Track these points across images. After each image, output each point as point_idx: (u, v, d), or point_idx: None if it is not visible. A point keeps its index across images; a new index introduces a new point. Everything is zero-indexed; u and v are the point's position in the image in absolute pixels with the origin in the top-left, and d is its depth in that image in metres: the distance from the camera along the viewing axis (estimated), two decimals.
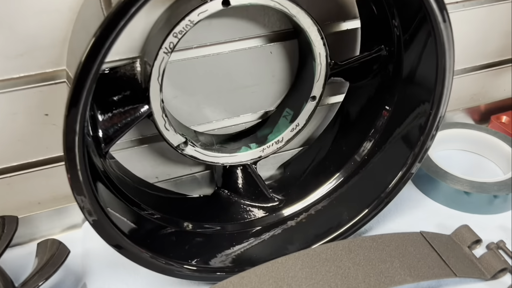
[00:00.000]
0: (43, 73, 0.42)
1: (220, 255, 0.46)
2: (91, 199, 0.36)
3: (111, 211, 0.40)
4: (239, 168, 0.51)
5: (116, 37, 0.30)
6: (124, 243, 0.39)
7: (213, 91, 0.49)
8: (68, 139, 0.32)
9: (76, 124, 0.32)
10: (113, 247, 0.39)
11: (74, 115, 0.31)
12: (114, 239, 0.38)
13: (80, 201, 0.35)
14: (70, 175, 0.34)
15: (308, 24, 0.43)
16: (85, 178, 0.35)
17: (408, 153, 0.46)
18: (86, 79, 0.31)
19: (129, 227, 0.42)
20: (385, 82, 0.48)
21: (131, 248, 0.39)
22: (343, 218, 0.48)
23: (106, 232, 0.38)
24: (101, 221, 0.37)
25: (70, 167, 0.33)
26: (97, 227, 0.37)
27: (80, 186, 0.34)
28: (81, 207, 0.36)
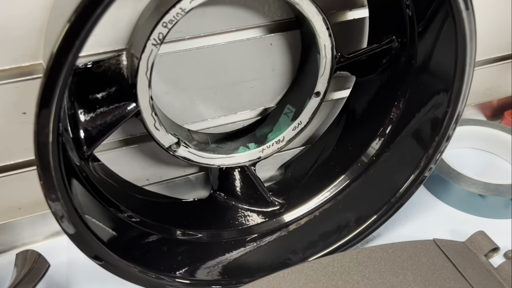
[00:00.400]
0: (18, 67, 0.37)
1: (216, 265, 0.42)
2: (67, 205, 0.32)
3: (90, 218, 0.36)
4: (236, 170, 0.47)
5: (94, 24, 0.26)
6: (107, 255, 0.35)
7: (208, 87, 0.45)
8: (40, 142, 0.29)
9: (48, 126, 0.28)
10: (93, 259, 0.35)
11: (46, 116, 0.28)
12: (94, 249, 0.35)
13: (53, 207, 0.31)
14: (44, 181, 0.30)
15: (313, 13, 0.39)
16: (61, 184, 0.31)
17: (421, 155, 0.42)
18: (59, 74, 0.27)
19: (113, 236, 0.38)
20: (396, 76, 0.44)
21: (115, 261, 0.36)
22: (349, 224, 0.44)
23: (84, 242, 0.34)
24: (78, 229, 0.33)
25: (43, 173, 0.30)
26: (74, 237, 0.33)
27: (54, 191, 0.30)
28: (54, 213, 0.32)
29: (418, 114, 0.43)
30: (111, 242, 0.37)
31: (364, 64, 0.44)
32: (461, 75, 0.37)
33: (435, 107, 0.41)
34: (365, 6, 0.46)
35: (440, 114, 0.40)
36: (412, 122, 0.43)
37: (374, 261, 0.39)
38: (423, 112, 0.42)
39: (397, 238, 0.47)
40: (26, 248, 0.48)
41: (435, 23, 0.39)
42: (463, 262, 0.41)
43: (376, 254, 0.40)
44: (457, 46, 0.36)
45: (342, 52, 0.43)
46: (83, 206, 0.36)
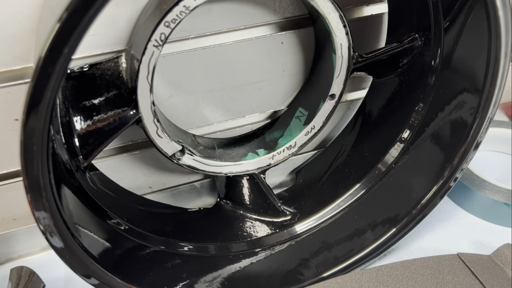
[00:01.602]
0: (8, 71, 0.34)
1: (223, 282, 0.39)
2: (55, 216, 0.29)
3: (83, 230, 0.33)
4: (244, 178, 0.44)
5: (89, 23, 0.23)
6: (101, 273, 0.32)
7: (214, 89, 0.42)
8: (26, 155, 0.25)
9: (35, 137, 0.25)
10: (85, 278, 0.32)
11: (33, 124, 0.24)
12: (85, 267, 0.32)
13: (39, 217, 0.28)
14: (30, 191, 0.27)
15: (329, 10, 0.36)
16: (49, 193, 0.28)
17: (445, 163, 0.39)
18: (47, 83, 0.23)
19: (110, 253, 0.35)
20: (418, 77, 0.41)
21: (111, 280, 0.33)
22: (366, 237, 0.41)
23: (75, 259, 0.31)
24: (67, 243, 0.30)
25: (30, 188, 0.27)
26: (61, 252, 0.30)
27: (41, 200, 0.27)
28: (39, 223, 0.28)
29: (442, 119, 0.39)
30: (107, 258, 0.34)
31: (382, 64, 0.40)
32: (494, 76, 0.34)
33: (462, 111, 0.37)
34: (384, 1, 0.42)
35: (468, 119, 0.37)
36: (435, 127, 0.40)
37: (395, 280, 0.36)
38: (448, 117, 0.39)
39: (417, 251, 0.44)
40: (22, 260, 0.45)
41: (464, 17, 0.35)
42: (490, 279, 0.38)
43: (397, 272, 0.37)
44: (490, 42, 0.32)
45: (358, 51, 0.39)
46: (76, 217, 0.34)
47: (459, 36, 0.37)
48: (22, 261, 0.45)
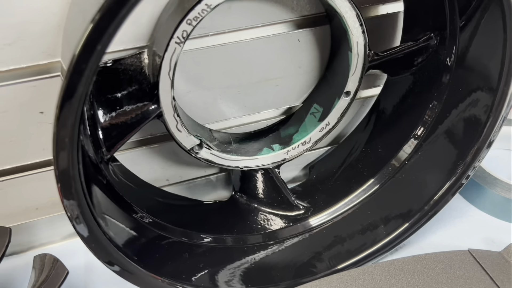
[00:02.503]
0: (35, 65, 0.36)
1: (238, 273, 0.40)
2: (82, 206, 0.30)
3: (108, 218, 0.35)
4: (259, 172, 0.45)
5: (120, 24, 0.24)
6: (123, 261, 0.33)
7: (231, 85, 0.43)
8: (58, 147, 0.27)
9: (67, 129, 0.26)
10: (107, 264, 0.33)
11: (66, 118, 0.26)
12: (109, 254, 0.33)
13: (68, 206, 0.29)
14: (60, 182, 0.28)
15: (346, 8, 0.37)
16: (78, 183, 0.29)
17: (458, 161, 0.39)
18: (80, 79, 0.24)
19: (131, 242, 0.36)
20: (432, 76, 0.41)
21: (132, 268, 0.34)
22: (379, 232, 0.42)
23: (99, 246, 0.32)
24: (93, 232, 0.31)
25: (61, 178, 0.28)
26: (87, 240, 0.32)
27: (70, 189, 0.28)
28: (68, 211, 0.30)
29: (455, 117, 0.40)
30: (129, 247, 0.35)
31: (397, 62, 0.41)
32: (508, 75, 0.35)
33: (475, 110, 0.38)
34: (400, 0, 0.43)
35: (481, 117, 0.37)
36: (449, 125, 0.41)
37: (406, 273, 0.37)
38: (462, 115, 0.39)
39: (428, 246, 0.45)
40: (44, 249, 0.47)
41: (479, 15, 0.36)
42: (500, 275, 0.39)
43: (409, 266, 0.38)
44: (505, 41, 0.33)
45: (374, 49, 0.40)
46: (101, 207, 0.35)
47: (474, 35, 0.38)
48: (43, 249, 0.47)
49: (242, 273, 0.40)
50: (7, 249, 0.38)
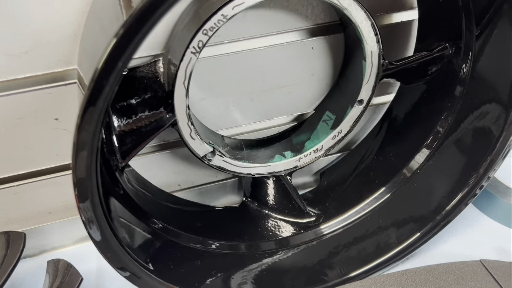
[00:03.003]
0: (51, 73, 0.36)
1: (249, 280, 0.40)
2: (97, 210, 0.30)
3: (121, 224, 0.35)
4: (271, 179, 0.45)
5: (145, 35, 0.24)
6: (135, 268, 0.34)
7: (244, 92, 0.43)
8: (77, 154, 0.27)
9: (87, 139, 0.26)
10: (119, 270, 0.33)
11: (86, 129, 0.26)
12: (121, 261, 0.33)
13: (84, 210, 0.30)
14: (78, 192, 0.28)
15: (361, 18, 0.37)
16: (94, 189, 0.29)
17: (470, 171, 0.39)
18: (101, 92, 0.25)
19: (144, 249, 0.37)
20: (446, 85, 0.41)
21: (144, 275, 0.34)
22: (390, 241, 0.42)
23: (112, 252, 0.32)
24: (105, 237, 0.31)
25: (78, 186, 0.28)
26: (100, 245, 0.32)
27: (86, 193, 0.29)
28: (82, 215, 0.30)
29: (469, 128, 0.40)
30: (142, 254, 0.36)
31: (411, 71, 0.41)
32: None
33: (489, 121, 0.38)
34: (414, 8, 0.43)
35: (495, 129, 0.37)
36: (462, 135, 0.40)
37: (418, 284, 0.37)
38: (475, 126, 0.39)
39: (439, 255, 0.45)
40: (56, 252, 0.47)
41: (497, 23, 0.36)
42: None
43: (421, 276, 0.38)
44: None
45: (387, 57, 0.40)
46: (116, 212, 0.35)
47: (490, 45, 0.37)
48: (56, 253, 0.47)
49: (253, 280, 0.40)
50: (22, 254, 0.38)
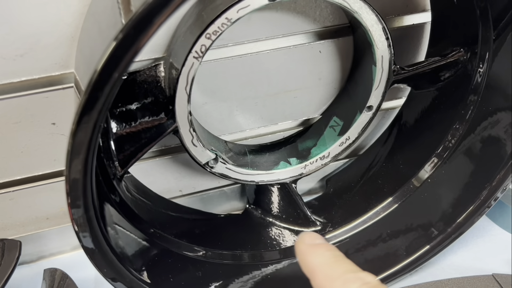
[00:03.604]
0: (48, 76, 0.34)
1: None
2: (89, 217, 0.28)
3: (119, 232, 0.33)
4: (275, 186, 0.43)
5: (147, 40, 0.23)
6: (134, 284, 0.32)
7: (248, 97, 0.41)
8: (72, 166, 0.25)
9: (81, 148, 0.24)
10: (112, 282, 0.32)
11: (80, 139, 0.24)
12: (114, 271, 0.31)
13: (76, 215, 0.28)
14: (70, 200, 0.27)
15: (372, 22, 0.35)
16: (89, 200, 0.28)
17: (484, 182, 0.38)
18: (97, 99, 0.23)
19: (141, 259, 0.35)
20: (459, 92, 0.39)
21: None
22: (398, 253, 0.40)
23: (105, 261, 0.31)
24: (98, 246, 0.30)
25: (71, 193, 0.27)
26: (91, 254, 0.30)
27: (78, 198, 0.27)
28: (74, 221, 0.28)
29: (482, 137, 0.38)
30: (137, 265, 0.34)
31: (423, 77, 0.39)
32: None
33: (505, 131, 0.36)
34: (427, 10, 0.41)
35: (510, 139, 0.36)
36: (474, 145, 0.39)
37: None
38: (489, 135, 0.38)
39: (449, 267, 0.43)
40: (54, 259, 0.46)
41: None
42: None
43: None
44: None
45: (397, 61, 0.38)
46: (111, 220, 0.34)
47: (507, 51, 0.36)
48: (53, 259, 0.46)
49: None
50: (17, 262, 0.37)
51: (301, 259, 0.25)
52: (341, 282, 0.22)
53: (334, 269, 0.23)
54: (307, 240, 0.25)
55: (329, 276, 0.23)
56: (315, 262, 0.24)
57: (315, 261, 0.24)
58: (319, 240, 0.25)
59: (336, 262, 0.23)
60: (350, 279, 0.22)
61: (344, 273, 0.22)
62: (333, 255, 0.24)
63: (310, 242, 0.25)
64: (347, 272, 0.23)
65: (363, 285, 0.22)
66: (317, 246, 0.25)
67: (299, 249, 0.25)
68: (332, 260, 0.24)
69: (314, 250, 0.24)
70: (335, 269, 0.23)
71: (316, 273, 0.23)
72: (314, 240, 0.25)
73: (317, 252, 0.24)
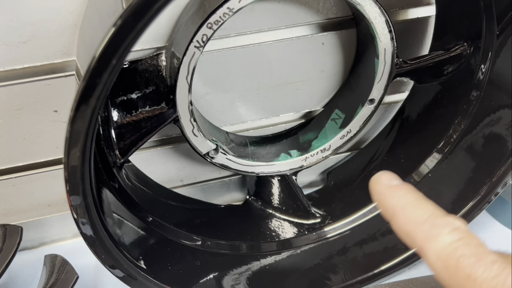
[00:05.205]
0: (50, 64, 0.35)
1: (251, 282, 0.39)
2: (88, 204, 0.29)
3: (118, 220, 0.34)
4: (276, 178, 0.43)
5: (145, 27, 0.23)
6: (129, 267, 0.33)
7: (250, 88, 0.41)
8: (71, 154, 0.26)
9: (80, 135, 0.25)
10: (111, 269, 0.32)
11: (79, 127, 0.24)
12: (114, 260, 0.32)
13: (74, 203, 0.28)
14: (69, 188, 0.27)
15: (375, 14, 0.35)
16: (87, 182, 0.28)
17: (484, 178, 0.38)
18: (96, 86, 0.23)
19: (139, 247, 0.36)
20: (462, 87, 0.39)
21: (141, 277, 0.33)
22: (397, 246, 0.40)
23: (103, 249, 0.31)
24: (97, 233, 0.30)
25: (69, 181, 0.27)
26: (90, 241, 0.30)
27: (77, 186, 0.27)
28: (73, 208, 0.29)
29: (484, 133, 0.38)
30: (135, 252, 0.35)
31: (426, 70, 0.39)
32: None
33: (506, 128, 0.36)
34: (432, 4, 0.40)
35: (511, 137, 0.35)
36: (476, 141, 0.39)
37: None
38: (491, 131, 0.37)
39: None
40: (55, 245, 0.47)
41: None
42: None
43: (429, 285, 0.36)
44: None
45: (401, 55, 0.38)
46: (110, 208, 0.34)
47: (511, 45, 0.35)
48: (55, 245, 0.47)
49: (254, 282, 0.39)
50: (18, 247, 0.37)
51: (380, 201, 0.23)
52: (429, 226, 0.21)
53: (420, 212, 0.21)
54: (384, 181, 0.24)
55: (414, 219, 0.21)
56: (397, 204, 0.22)
57: (396, 203, 0.22)
58: (397, 181, 0.24)
59: (420, 204, 0.22)
60: (439, 223, 0.20)
61: (431, 217, 0.21)
62: (416, 197, 0.22)
63: (388, 183, 0.24)
64: (435, 216, 0.21)
65: (453, 231, 0.20)
66: (397, 187, 0.23)
67: (377, 190, 0.24)
68: (416, 202, 0.22)
69: (394, 192, 0.23)
70: (421, 212, 0.21)
71: (399, 216, 0.22)
72: (391, 180, 0.24)
73: (398, 193, 0.23)
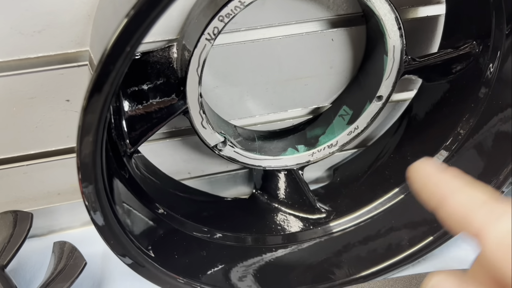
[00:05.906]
0: (64, 53, 0.35)
1: (254, 275, 0.40)
2: (100, 193, 0.29)
3: (127, 209, 0.34)
4: (282, 172, 0.44)
5: (156, 18, 0.23)
6: (137, 255, 0.33)
7: (259, 82, 0.42)
8: (83, 142, 0.26)
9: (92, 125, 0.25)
10: (121, 257, 0.33)
11: (91, 119, 0.25)
12: (124, 248, 0.32)
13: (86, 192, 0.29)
14: (82, 178, 0.28)
15: (385, 11, 0.35)
16: (99, 172, 0.28)
17: (490, 176, 0.38)
18: (108, 75, 0.24)
19: (148, 237, 0.36)
20: (471, 86, 0.39)
21: (148, 264, 0.34)
22: (402, 243, 0.41)
23: (114, 237, 0.32)
24: (108, 222, 0.31)
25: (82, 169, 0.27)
26: (102, 229, 0.31)
27: (89, 176, 0.28)
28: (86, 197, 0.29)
29: (491, 132, 0.38)
30: (144, 241, 0.35)
31: (434, 68, 0.39)
32: None
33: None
34: (442, 2, 0.41)
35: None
36: (484, 139, 0.39)
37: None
38: (499, 130, 0.37)
39: (452, 260, 0.43)
40: (64, 233, 0.47)
41: None
42: None
43: None
44: None
45: (410, 53, 0.38)
46: (120, 198, 0.35)
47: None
48: (64, 234, 0.47)
49: (259, 274, 0.40)
50: (28, 233, 0.38)
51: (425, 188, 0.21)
52: (487, 211, 0.18)
53: (475, 195, 0.19)
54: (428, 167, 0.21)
55: (470, 203, 0.19)
56: (447, 189, 0.20)
57: (446, 187, 0.20)
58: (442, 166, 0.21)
59: (473, 187, 0.20)
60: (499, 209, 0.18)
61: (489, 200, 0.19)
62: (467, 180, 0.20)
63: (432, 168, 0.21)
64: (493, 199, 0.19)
65: None
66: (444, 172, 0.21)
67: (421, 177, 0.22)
68: (468, 186, 0.20)
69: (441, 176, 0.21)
70: (477, 195, 0.19)
71: (449, 200, 0.20)
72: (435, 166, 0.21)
73: (446, 178, 0.20)
